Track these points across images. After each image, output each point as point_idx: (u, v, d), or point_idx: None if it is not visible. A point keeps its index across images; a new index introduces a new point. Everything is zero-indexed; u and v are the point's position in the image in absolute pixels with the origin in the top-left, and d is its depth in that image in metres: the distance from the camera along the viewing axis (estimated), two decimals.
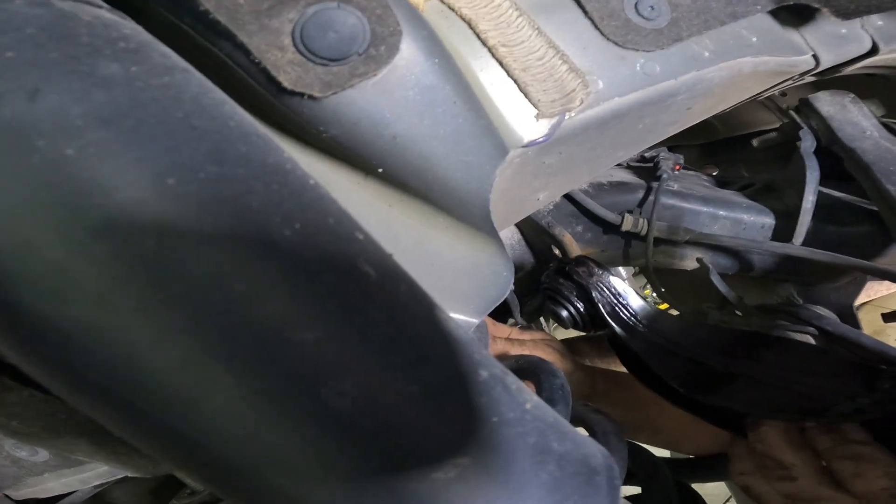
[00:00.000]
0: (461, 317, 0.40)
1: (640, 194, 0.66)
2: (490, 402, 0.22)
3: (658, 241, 0.65)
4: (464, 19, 0.35)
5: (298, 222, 0.19)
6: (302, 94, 0.27)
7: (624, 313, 0.58)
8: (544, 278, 0.62)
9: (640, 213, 0.65)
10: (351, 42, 0.25)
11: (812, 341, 0.63)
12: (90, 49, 0.18)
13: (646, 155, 0.69)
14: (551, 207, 0.71)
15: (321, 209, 0.21)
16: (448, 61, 0.31)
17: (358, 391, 0.19)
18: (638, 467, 0.56)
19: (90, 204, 0.16)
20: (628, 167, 0.73)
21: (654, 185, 0.64)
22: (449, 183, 0.33)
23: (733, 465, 0.54)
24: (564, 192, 0.65)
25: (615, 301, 0.58)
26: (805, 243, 0.56)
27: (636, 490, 0.60)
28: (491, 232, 0.37)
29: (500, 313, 0.70)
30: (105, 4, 0.22)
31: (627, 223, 0.64)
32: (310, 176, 0.22)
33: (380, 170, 0.33)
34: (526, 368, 0.57)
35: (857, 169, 0.53)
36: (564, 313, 0.61)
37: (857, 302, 0.66)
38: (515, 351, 0.62)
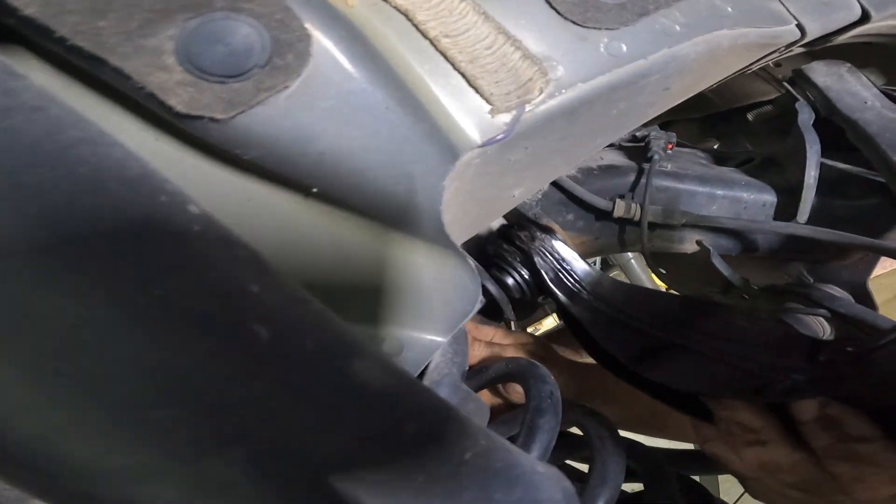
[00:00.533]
0: (427, 336, 0.37)
1: (632, 177, 0.62)
2: (416, 459, 0.19)
3: (653, 226, 0.62)
4: (399, 11, 0.31)
5: (162, 284, 0.16)
6: (202, 118, 0.24)
7: (568, 279, 0.54)
8: (489, 245, 0.58)
9: (633, 198, 0.61)
10: (247, 54, 0.22)
11: (826, 325, 0.59)
12: None
13: (637, 134, 0.65)
14: (539, 197, 0.67)
15: (199, 263, 0.18)
16: (376, 62, 0.27)
17: (248, 460, 0.16)
18: (640, 465, 0.53)
19: None
20: (620, 148, 0.68)
21: (647, 166, 0.60)
22: (393, 197, 0.30)
23: (698, 431, 0.49)
24: (544, 185, 0.61)
25: (558, 266, 0.54)
26: (811, 220, 0.52)
27: (639, 490, 0.57)
28: (448, 244, 0.34)
29: (492, 313, 0.67)
30: None
31: (619, 209, 0.60)
32: (197, 220, 0.19)
33: (314, 189, 0.30)
34: (515, 373, 0.54)
35: (861, 140, 0.48)
36: (510, 280, 0.57)
37: (875, 274, 0.61)
38: (499, 355, 0.59)
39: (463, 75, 0.32)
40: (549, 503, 0.22)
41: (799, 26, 0.37)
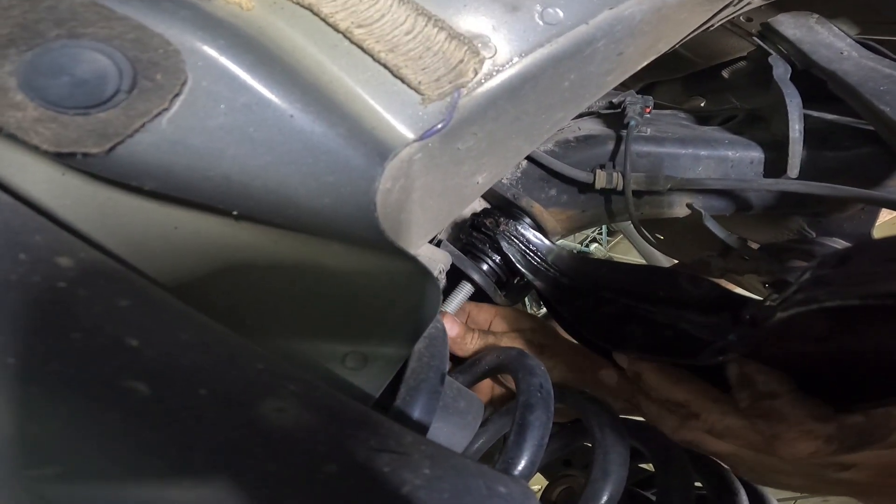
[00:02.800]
0: (389, 348, 0.34)
1: (611, 145, 0.59)
2: (335, 502, 0.17)
3: (639, 193, 0.58)
4: (303, 6, 0.28)
5: (22, 353, 0.14)
6: (75, 154, 0.21)
7: (534, 259, 0.57)
8: (461, 234, 0.61)
9: (614, 167, 0.58)
10: (101, 81, 0.20)
11: None
12: None
13: (613, 101, 0.61)
14: (519, 175, 0.64)
15: (66, 323, 0.16)
16: (272, 67, 0.25)
17: None
18: (651, 451, 0.51)
19: None
20: (599, 116, 0.65)
21: (624, 133, 0.56)
22: (320, 211, 0.27)
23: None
24: (510, 168, 0.58)
25: (523, 248, 0.57)
26: (803, 174, 0.48)
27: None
28: (394, 250, 0.31)
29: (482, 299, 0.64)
30: None
31: (600, 180, 0.57)
32: (61, 276, 0.17)
33: (234, 213, 0.27)
34: (506, 365, 0.52)
35: (844, 91, 0.45)
36: (484, 266, 0.59)
37: (879, 221, 0.57)
38: (493, 344, 0.56)
39: (385, 66, 0.29)
40: None
41: None
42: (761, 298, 0.37)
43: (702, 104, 0.74)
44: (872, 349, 0.32)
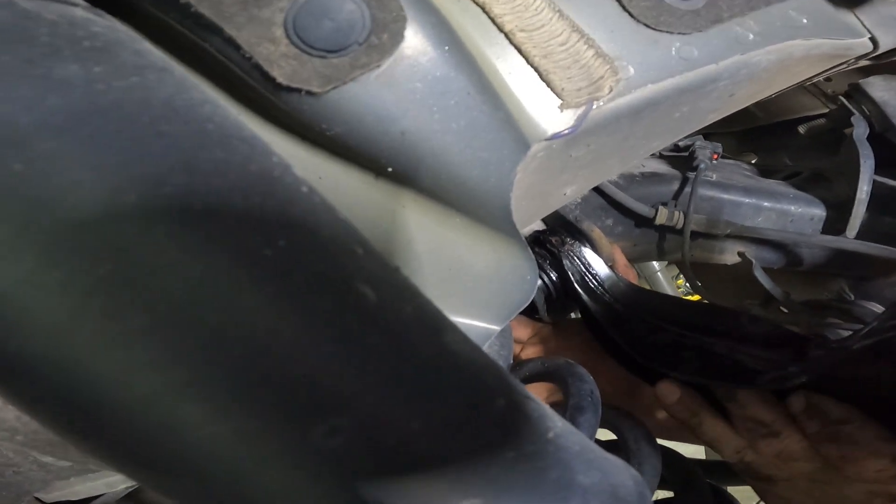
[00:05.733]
0: (482, 324, 0.37)
1: (676, 185, 0.62)
2: (506, 435, 0.20)
3: (695, 235, 0.62)
4: (477, 3, 0.32)
5: (283, 239, 0.17)
6: (300, 90, 0.25)
7: (592, 282, 0.59)
8: None
9: (676, 206, 0.61)
10: (349, 30, 0.23)
11: None
12: (49, 50, 0.16)
13: (680, 144, 0.65)
14: (579, 201, 0.67)
15: (312, 222, 0.18)
16: (460, 49, 0.28)
17: (352, 429, 0.16)
18: (672, 474, 0.53)
19: (39, 226, 0.14)
20: (661, 157, 0.69)
21: (691, 175, 0.60)
22: (465, 181, 0.31)
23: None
24: (594, 186, 0.61)
25: (584, 270, 0.59)
26: (860, 236, 0.52)
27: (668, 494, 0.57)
28: (513, 233, 0.34)
29: (527, 312, 0.67)
30: (82, 2, 0.20)
31: (662, 216, 0.61)
32: (303, 183, 0.20)
33: (389, 169, 0.31)
34: (553, 372, 0.54)
35: None
36: (539, 282, 0.61)
37: None
38: (539, 353, 0.59)
39: (536, 69, 0.33)
40: (622, 488, 0.22)
41: (872, 39, 0.37)
42: (822, 336, 0.41)
43: (752, 161, 0.77)
44: None
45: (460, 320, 0.37)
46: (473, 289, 0.36)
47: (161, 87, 0.18)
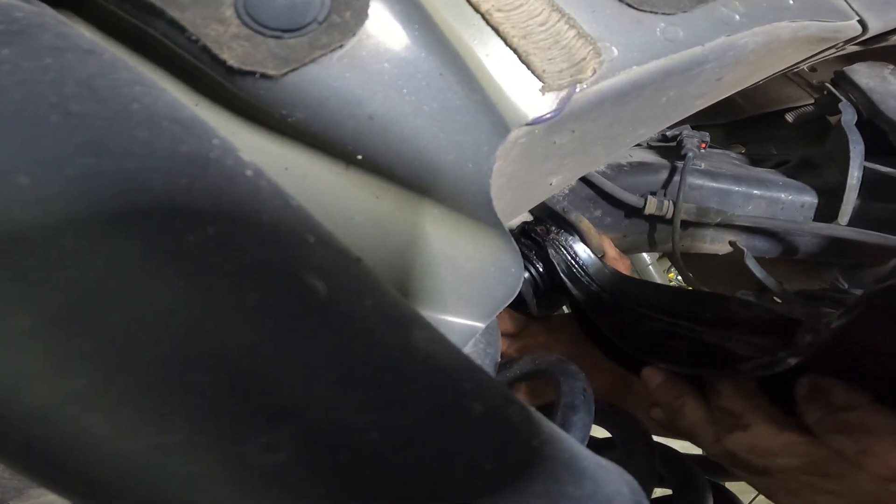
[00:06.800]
0: (465, 321, 0.35)
1: (664, 175, 0.61)
2: (482, 444, 0.18)
3: (685, 224, 0.60)
4: None
5: (212, 225, 0.15)
6: (254, 74, 0.23)
7: (578, 272, 0.58)
8: None
9: (665, 195, 0.60)
10: (306, 8, 0.21)
11: None
12: None
13: (667, 134, 0.64)
14: (567, 192, 0.66)
15: (252, 208, 0.16)
16: (431, 28, 0.26)
17: (295, 442, 0.15)
18: (670, 472, 0.51)
19: None
20: (649, 147, 0.67)
21: (679, 164, 0.58)
22: (440, 167, 0.29)
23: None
24: (580, 176, 0.60)
25: (570, 261, 0.58)
26: (852, 222, 0.51)
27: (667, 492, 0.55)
28: (495, 223, 0.32)
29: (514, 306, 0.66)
30: None
31: (651, 206, 0.59)
32: (249, 166, 0.18)
33: (359, 156, 0.29)
34: (544, 370, 0.53)
35: None
36: (526, 275, 0.59)
37: None
38: (529, 349, 0.57)
39: (515, 51, 0.31)
40: (618, 498, 0.20)
41: (861, 22, 0.36)
42: (814, 316, 0.39)
43: (741, 152, 0.76)
44: None
45: (441, 317, 0.35)
46: (454, 283, 0.34)
47: (81, 67, 0.16)
